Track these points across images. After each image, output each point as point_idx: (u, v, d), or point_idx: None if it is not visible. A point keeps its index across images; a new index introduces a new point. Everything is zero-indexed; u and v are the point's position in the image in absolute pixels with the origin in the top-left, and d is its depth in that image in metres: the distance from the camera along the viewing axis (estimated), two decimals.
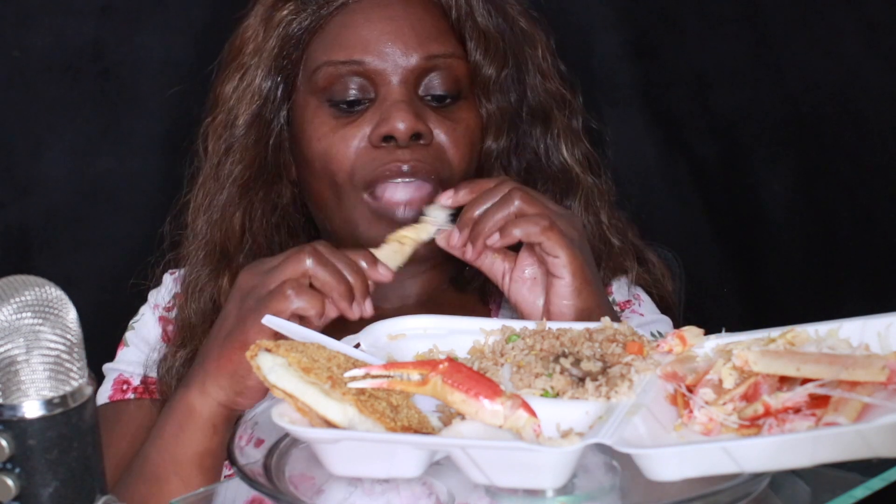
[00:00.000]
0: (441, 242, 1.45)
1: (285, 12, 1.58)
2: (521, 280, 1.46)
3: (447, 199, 1.46)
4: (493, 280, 1.49)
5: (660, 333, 1.60)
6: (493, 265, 1.47)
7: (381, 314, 1.58)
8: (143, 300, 1.73)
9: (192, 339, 1.60)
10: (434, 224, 1.46)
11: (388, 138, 1.52)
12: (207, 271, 1.61)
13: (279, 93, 1.60)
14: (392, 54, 1.53)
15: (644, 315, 1.64)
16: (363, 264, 1.37)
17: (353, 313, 1.36)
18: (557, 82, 1.66)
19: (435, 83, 1.55)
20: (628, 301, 1.65)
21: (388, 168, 1.52)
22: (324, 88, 1.55)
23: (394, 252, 1.43)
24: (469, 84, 1.58)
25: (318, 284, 1.34)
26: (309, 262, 1.35)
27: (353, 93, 1.54)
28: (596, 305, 1.42)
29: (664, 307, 1.68)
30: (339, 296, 1.35)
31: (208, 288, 1.60)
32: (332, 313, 1.36)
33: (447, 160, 1.55)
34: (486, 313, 1.63)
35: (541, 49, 1.65)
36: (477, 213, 1.43)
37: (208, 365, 1.39)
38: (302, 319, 1.33)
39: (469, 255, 1.44)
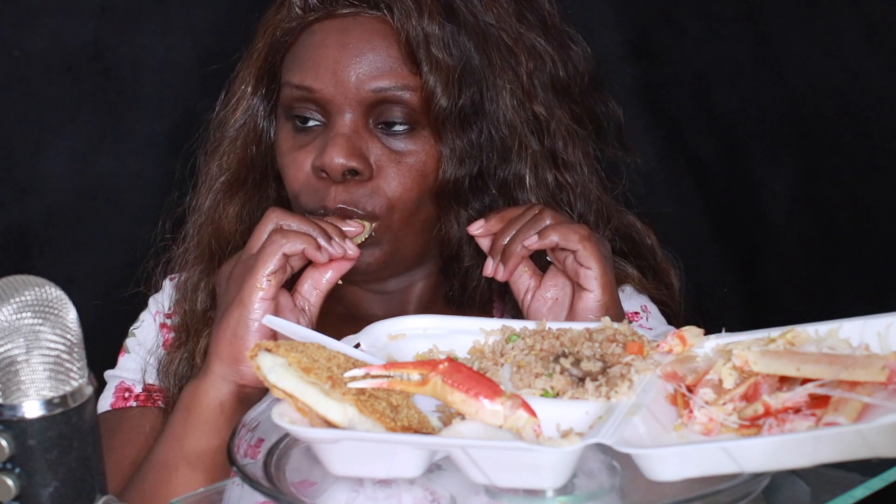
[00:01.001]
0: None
1: (278, 17, 1.57)
2: (543, 300, 1.47)
3: (477, 228, 1.48)
4: (516, 295, 1.49)
5: None
6: (520, 279, 1.48)
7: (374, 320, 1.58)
8: (143, 302, 1.73)
9: (188, 340, 1.60)
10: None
11: (324, 171, 1.50)
12: (199, 271, 1.61)
13: (265, 99, 1.60)
14: (341, 83, 1.50)
15: (653, 329, 1.63)
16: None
17: (335, 250, 1.41)
18: (547, 99, 1.59)
19: (387, 114, 1.51)
20: (636, 313, 1.64)
21: (322, 206, 1.51)
22: (285, 106, 1.55)
23: None
24: (425, 115, 1.52)
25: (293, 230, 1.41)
26: (275, 217, 1.43)
27: (306, 116, 1.53)
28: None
29: (667, 314, 1.67)
30: (317, 234, 1.41)
31: (201, 287, 1.60)
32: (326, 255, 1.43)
33: (385, 196, 1.51)
34: None
35: (525, 66, 1.57)
36: (507, 240, 1.45)
37: (211, 347, 1.42)
38: (300, 287, 1.44)
39: (500, 275, 1.46)
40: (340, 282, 1.47)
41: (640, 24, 2.26)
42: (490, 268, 1.46)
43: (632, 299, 1.64)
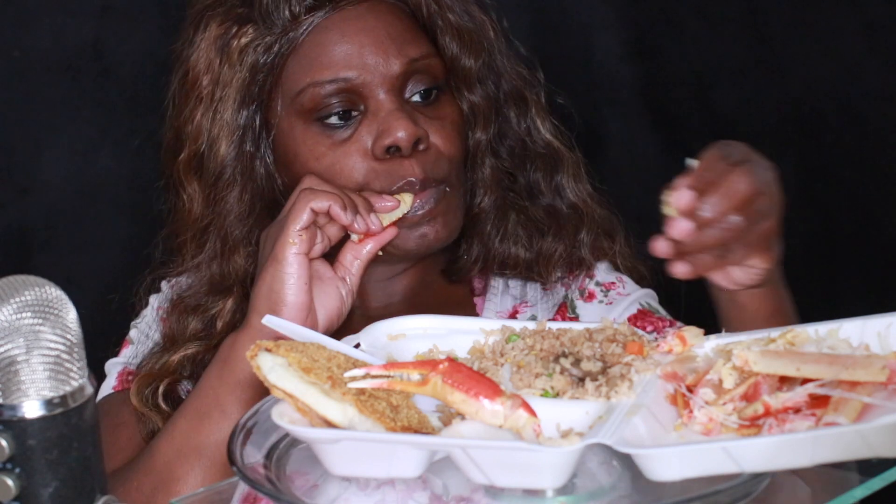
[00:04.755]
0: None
1: (246, 40, 1.55)
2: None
3: (676, 202, 1.22)
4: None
5: (648, 304, 1.62)
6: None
7: (368, 312, 1.59)
8: (134, 309, 1.73)
9: (166, 352, 1.60)
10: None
11: (391, 149, 1.52)
12: (207, 300, 1.60)
13: (258, 121, 1.58)
14: (375, 65, 1.53)
15: (630, 294, 1.65)
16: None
17: (358, 225, 1.46)
18: (517, 62, 1.67)
19: (418, 85, 1.56)
20: (613, 283, 1.66)
21: (401, 183, 1.53)
22: (310, 110, 1.54)
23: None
24: (446, 80, 1.59)
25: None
26: (308, 181, 1.48)
27: (342, 110, 1.54)
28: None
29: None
30: (340, 208, 1.45)
31: (198, 312, 1.60)
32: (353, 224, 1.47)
33: (444, 157, 1.56)
34: (472, 307, 1.65)
35: (495, 33, 1.65)
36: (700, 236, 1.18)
37: (250, 303, 1.48)
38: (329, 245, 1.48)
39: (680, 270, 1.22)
40: (381, 253, 1.51)
41: (640, 24, 2.26)
42: (681, 268, 1.21)
43: (608, 272, 1.67)
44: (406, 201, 1.52)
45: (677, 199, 1.20)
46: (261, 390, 1.43)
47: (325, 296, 1.49)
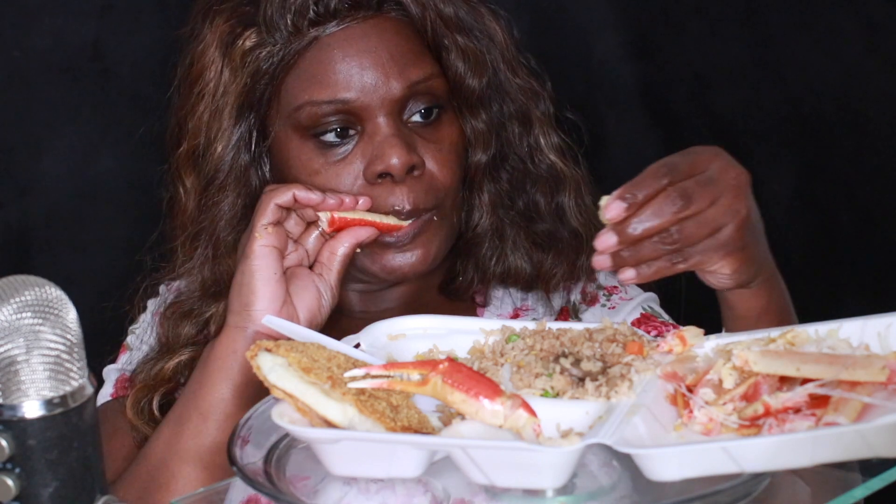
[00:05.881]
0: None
1: (249, 45, 1.54)
2: None
3: (610, 213, 1.18)
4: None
5: (651, 308, 1.62)
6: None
7: (366, 319, 1.59)
8: (130, 311, 1.73)
9: (160, 359, 1.60)
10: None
11: (384, 174, 1.51)
12: (200, 304, 1.59)
13: (255, 128, 1.57)
14: (375, 88, 1.50)
15: (633, 299, 1.64)
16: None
17: (330, 199, 1.48)
18: (525, 73, 1.63)
19: (418, 106, 1.53)
20: (615, 286, 1.66)
21: (392, 208, 1.51)
22: (307, 127, 1.53)
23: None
24: (448, 98, 1.56)
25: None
26: (269, 188, 1.50)
27: (338, 129, 1.52)
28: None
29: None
30: (305, 190, 1.47)
31: (192, 316, 1.59)
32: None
33: (439, 184, 1.54)
34: (475, 315, 1.63)
35: (504, 42, 1.61)
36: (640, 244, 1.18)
37: (228, 306, 1.49)
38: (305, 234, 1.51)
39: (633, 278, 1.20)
40: (359, 250, 1.51)
41: (640, 24, 2.26)
42: (628, 274, 1.19)
43: (610, 275, 1.66)
44: (393, 221, 1.51)
45: (607, 211, 1.19)
46: (240, 390, 1.45)
47: (303, 290, 1.49)
